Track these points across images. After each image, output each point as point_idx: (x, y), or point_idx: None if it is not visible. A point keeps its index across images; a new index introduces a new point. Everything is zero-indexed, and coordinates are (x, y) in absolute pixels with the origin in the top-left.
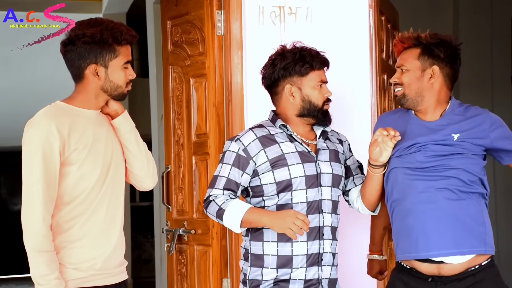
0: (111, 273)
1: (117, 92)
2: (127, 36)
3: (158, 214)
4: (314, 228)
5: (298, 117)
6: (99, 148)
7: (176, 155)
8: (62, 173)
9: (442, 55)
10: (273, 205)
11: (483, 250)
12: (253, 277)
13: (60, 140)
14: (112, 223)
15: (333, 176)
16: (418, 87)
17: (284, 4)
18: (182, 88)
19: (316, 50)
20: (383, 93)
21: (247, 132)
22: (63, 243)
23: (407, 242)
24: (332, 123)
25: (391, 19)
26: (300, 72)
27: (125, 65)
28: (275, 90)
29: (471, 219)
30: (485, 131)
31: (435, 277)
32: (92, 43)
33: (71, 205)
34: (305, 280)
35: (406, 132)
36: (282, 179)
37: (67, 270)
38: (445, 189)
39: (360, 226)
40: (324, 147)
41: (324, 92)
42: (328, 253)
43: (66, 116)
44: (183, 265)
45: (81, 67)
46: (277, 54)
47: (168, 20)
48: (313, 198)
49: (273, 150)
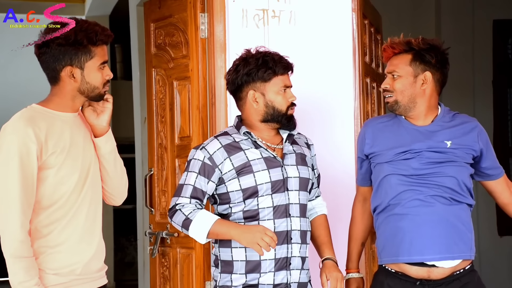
0: (91, 278)
1: (94, 93)
2: (102, 36)
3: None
4: (282, 232)
5: (262, 122)
6: (77, 151)
7: (159, 157)
8: (40, 177)
9: (434, 60)
10: (240, 211)
11: (469, 255)
12: (223, 283)
13: (37, 144)
14: (93, 228)
15: (300, 180)
16: (411, 93)
17: (267, 7)
18: (165, 90)
19: (280, 55)
20: (366, 96)
21: (212, 141)
22: (42, 248)
23: (399, 246)
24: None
25: (374, 23)
26: (263, 78)
27: (101, 66)
28: (239, 96)
29: (462, 225)
30: (474, 138)
31: (424, 280)
32: (67, 45)
33: (50, 209)
34: (274, 285)
35: (398, 138)
36: (248, 186)
37: (47, 275)
38: (439, 196)
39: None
40: (290, 151)
41: (288, 96)
42: (296, 257)
43: (42, 119)
44: (166, 268)
45: (56, 70)
46: (240, 60)
47: (151, 23)
48: (280, 202)
49: (238, 158)
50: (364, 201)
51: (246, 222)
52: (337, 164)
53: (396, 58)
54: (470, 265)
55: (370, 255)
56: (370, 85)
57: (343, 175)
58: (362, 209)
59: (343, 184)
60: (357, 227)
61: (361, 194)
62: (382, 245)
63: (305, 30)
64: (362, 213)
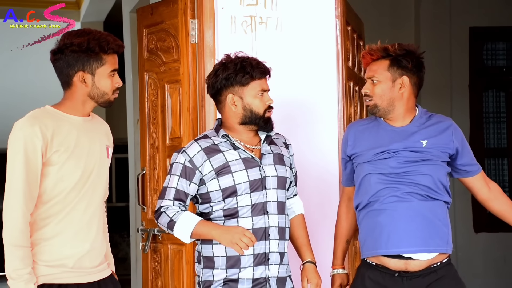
0: (85, 273)
1: (103, 99)
2: (113, 45)
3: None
4: (260, 229)
5: (241, 124)
6: (81, 152)
7: (151, 157)
8: (43, 173)
9: (410, 65)
10: (220, 210)
11: (445, 249)
12: (205, 278)
13: (42, 141)
14: (89, 226)
15: (278, 179)
16: (389, 97)
17: (255, 14)
18: (157, 93)
19: (257, 60)
20: (349, 99)
21: (192, 144)
22: (38, 240)
23: (378, 239)
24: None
25: (357, 29)
26: (241, 82)
27: (111, 73)
28: (218, 99)
29: (438, 220)
30: (449, 137)
31: (402, 272)
32: (80, 52)
33: (49, 204)
34: (253, 279)
35: (377, 139)
36: (227, 186)
37: (38, 266)
38: (415, 193)
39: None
40: (268, 151)
41: (265, 100)
42: (275, 253)
43: (51, 119)
44: (158, 263)
45: (69, 75)
46: (220, 64)
47: (143, 28)
48: (258, 200)
49: (217, 159)
50: (349, 200)
51: (226, 220)
52: (321, 164)
53: (375, 64)
54: (447, 259)
55: (352, 251)
56: (353, 89)
57: (327, 174)
58: (347, 209)
59: (327, 183)
60: (342, 225)
61: (346, 194)
62: (363, 240)
63: (291, 36)
64: (347, 212)
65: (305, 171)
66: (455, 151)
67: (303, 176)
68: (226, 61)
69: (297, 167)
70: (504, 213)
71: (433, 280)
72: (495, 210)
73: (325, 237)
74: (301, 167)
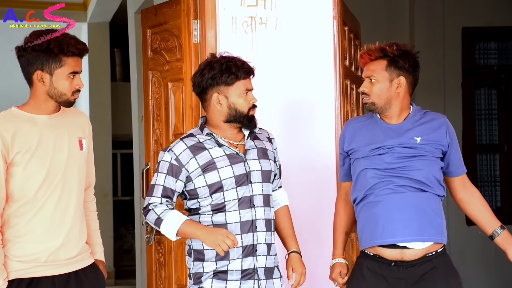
0: (60, 264)
1: (62, 99)
2: (74, 48)
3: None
4: (247, 221)
5: (226, 122)
6: (46, 151)
7: (155, 153)
8: (10, 174)
9: (407, 65)
10: (208, 205)
11: (439, 239)
12: (196, 270)
13: (2, 143)
14: (61, 221)
15: (263, 172)
16: (387, 96)
17: (255, 15)
18: (161, 91)
19: (242, 61)
20: (346, 97)
21: (178, 143)
22: (10, 237)
23: (374, 230)
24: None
25: (353, 29)
26: (226, 82)
27: (70, 75)
28: (204, 97)
29: (431, 210)
30: (443, 134)
31: (398, 261)
32: (40, 51)
33: (19, 203)
34: (242, 270)
35: (373, 135)
36: (213, 182)
37: (10, 262)
38: (409, 186)
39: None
40: (252, 146)
41: (249, 99)
42: (262, 244)
43: (12, 121)
44: (161, 255)
45: (29, 72)
46: (205, 64)
47: (148, 29)
48: (244, 194)
49: (203, 157)
50: (346, 195)
51: (213, 214)
52: (319, 159)
53: (373, 64)
54: (442, 249)
55: (349, 243)
56: (350, 87)
57: (324, 169)
58: (344, 202)
59: (325, 177)
60: (340, 218)
61: (343, 189)
62: (361, 232)
63: (290, 36)
64: (345, 206)
65: (303, 167)
66: (447, 148)
67: (301, 171)
68: (211, 60)
69: (295, 163)
70: (475, 218)
71: (428, 269)
72: (468, 213)
73: (323, 231)
74: (299, 162)
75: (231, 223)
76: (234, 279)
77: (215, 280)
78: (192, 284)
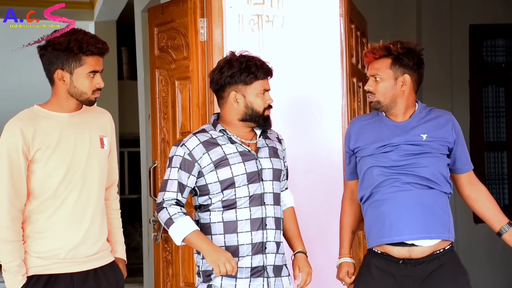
0: (79, 262)
1: (82, 98)
2: (93, 47)
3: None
4: (257, 219)
5: (241, 121)
6: (66, 148)
7: (162, 151)
8: (31, 170)
9: (411, 63)
10: (219, 201)
11: (447, 236)
12: (205, 268)
13: (23, 141)
14: (80, 218)
15: (274, 171)
16: (392, 94)
17: (262, 13)
18: (167, 89)
19: (262, 61)
20: (352, 94)
21: (191, 138)
22: (31, 233)
23: (381, 229)
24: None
25: (360, 27)
26: (245, 81)
27: (90, 74)
28: (221, 95)
29: (438, 208)
30: (449, 131)
31: (406, 259)
32: (60, 50)
33: (40, 199)
34: (251, 268)
35: (379, 133)
36: (225, 178)
37: (30, 258)
38: (415, 183)
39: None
40: (264, 145)
41: (266, 99)
42: (271, 242)
43: (34, 119)
44: (169, 253)
45: (50, 71)
46: (225, 62)
47: (154, 27)
48: (255, 192)
49: (216, 152)
50: (352, 193)
51: (224, 211)
52: (326, 157)
53: (377, 63)
54: (449, 246)
55: (356, 241)
56: (357, 85)
57: (331, 167)
58: (351, 200)
59: (331, 175)
60: (347, 216)
61: (349, 187)
62: (368, 230)
63: (297, 34)
64: (351, 204)
65: (310, 164)
66: (453, 144)
67: (308, 169)
68: (231, 59)
69: (302, 160)
70: (483, 215)
71: (436, 266)
72: (475, 209)
73: (329, 230)
74: (306, 160)
75: (241, 220)
76: (243, 277)
77: (224, 277)
78: (202, 282)
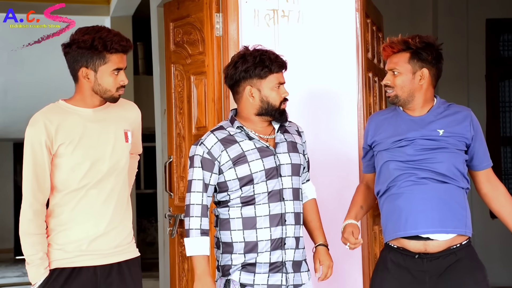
0: (102, 255)
1: (106, 95)
2: (117, 45)
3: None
4: (277, 215)
5: (257, 115)
6: (89, 143)
7: (178, 146)
8: (55, 165)
9: (430, 57)
10: (237, 197)
11: (463, 231)
12: (224, 262)
13: (46, 135)
14: (103, 211)
15: (292, 166)
16: (410, 88)
17: (277, 8)
18: (183, 84)
19: (276, 54)
20: (368, 89)
21: (209, 136)
22: (55, 226)
23: (397, 222)
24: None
25: (376, 22)
26: (259, 75)
27: (114, 71)
28: (236, 90)
29: (455, 202)
30: (467, 127)
31: (422, 254)
32: (84, 49)
33: (63, 192)
34: (270, 263)
35: (396, 128)
36: (244, 175)
37: (53, 250)
38: (431, 178)
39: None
40: (282, 140)
41: (281, 92)
42: (291, 238)
43: (58, 113)
44: (184, 248)
45: (75, 69)
46: (239, 57)
47: (170, 22)
48: (274, 188)
49: (234, 149)
50: (367, 182)
51: (243, 206)
52: (341, 151)
53: (396, 57)
54: (466, 241)
55: (371, 236)
56: (372, 79)
57: (347, 162)
58: (365, 186)
59: (347, 170)
60: (357, 194)
61: (364, 179)
62: (385, 224)
63: (312, 29)
64: (364, 186)
65: (326, 159)
66: (471, 141)
67: (324, 163)
68: (245, 53)
69: (318, 154)
70: (499, 214)
71: (452, 261)
72: (492, 208)
73: None
74: (322, 154)
75: (260, 216)
76: (262, 272)
77: (243, 272)
78: (221, 276)
